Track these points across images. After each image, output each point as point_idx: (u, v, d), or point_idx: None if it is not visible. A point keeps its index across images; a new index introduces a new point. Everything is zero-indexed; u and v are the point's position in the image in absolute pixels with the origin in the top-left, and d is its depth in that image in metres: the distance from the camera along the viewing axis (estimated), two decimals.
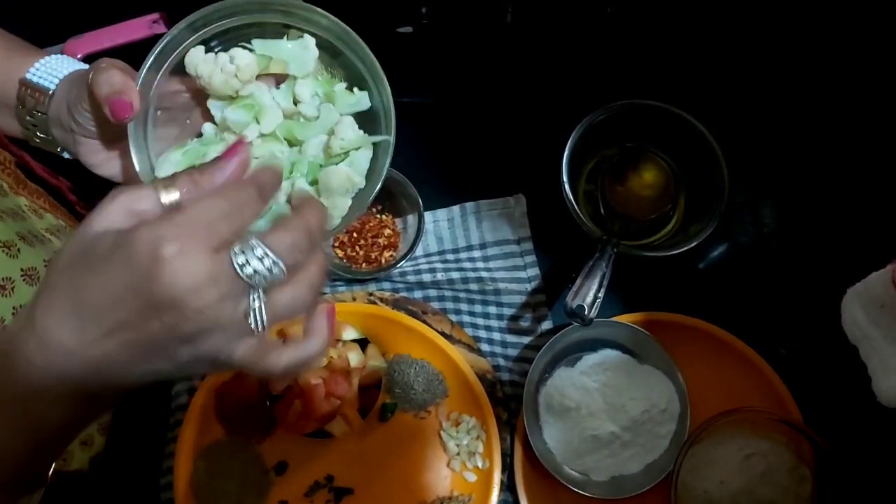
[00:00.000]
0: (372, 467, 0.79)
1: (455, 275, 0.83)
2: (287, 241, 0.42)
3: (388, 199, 0.86)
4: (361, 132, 0.62)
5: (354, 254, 0.84)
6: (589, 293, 0.73)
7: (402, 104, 0.63)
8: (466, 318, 0.84)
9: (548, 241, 0.86)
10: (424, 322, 0.81)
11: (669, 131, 0.83)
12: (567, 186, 0.79)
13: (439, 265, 0.84)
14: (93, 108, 0.62)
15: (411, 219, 0.84)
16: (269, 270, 0.41)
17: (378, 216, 0.86)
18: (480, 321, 0.84)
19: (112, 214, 0.42)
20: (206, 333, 0.41)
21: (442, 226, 0.86)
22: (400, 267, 0.82)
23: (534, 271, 0.85)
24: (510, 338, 0.84)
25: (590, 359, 0.81)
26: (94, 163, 0.66)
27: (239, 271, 0.41)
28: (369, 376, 0.79)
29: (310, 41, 0.62)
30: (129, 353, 0.42)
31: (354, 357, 0.77)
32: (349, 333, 0.79)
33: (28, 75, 0.64)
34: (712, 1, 0.85)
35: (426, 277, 0.83)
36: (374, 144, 0.63)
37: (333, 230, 0.63)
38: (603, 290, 0.73)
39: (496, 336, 0.84)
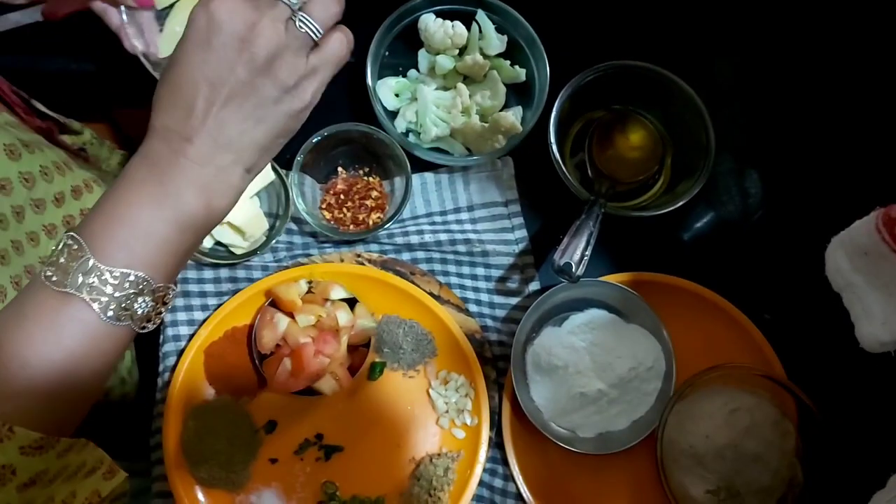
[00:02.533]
0: (361, 425, 0.80)
1: (443, 236, 0.83)
2: None
3: (375, 161, 0.86)
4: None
5: (342, 216, 0.84)
6: (576, 251, 0.73)
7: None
8: (454, 280, 0.84)
9: (535, 203, 0.86)
10: (413, 283, 0.81)
11: (656, 93, 0.83)
12: (554, 148, 0.79)
13: (427, 227, 0.84)
14: None
15: (399, 181, 0.84)
16: None
17: (365, 178, 0.86)
18: (468, 282, 0.84)
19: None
20: (276, 57, 0.51)
21: (430, 188, 0.86)
22: (387, 229, 0.83)
23: (521, 233, 0.85)
24: (498, 298, 0.84)
25: (577, 318, 0.82)
26: None
27: None
28: (358, 335, 0.79)
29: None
30: (226, 108, 0.51)
31: (343, 316, 0.78)
32: (337, 292, 0.79)
33: None
34: None
35: (414, 239, 0.83)
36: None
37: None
38: (590, 249, 0.74)
39: (484, 297, 0.84)
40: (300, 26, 0.52)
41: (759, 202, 0.87)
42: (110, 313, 0.50)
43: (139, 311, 0.52)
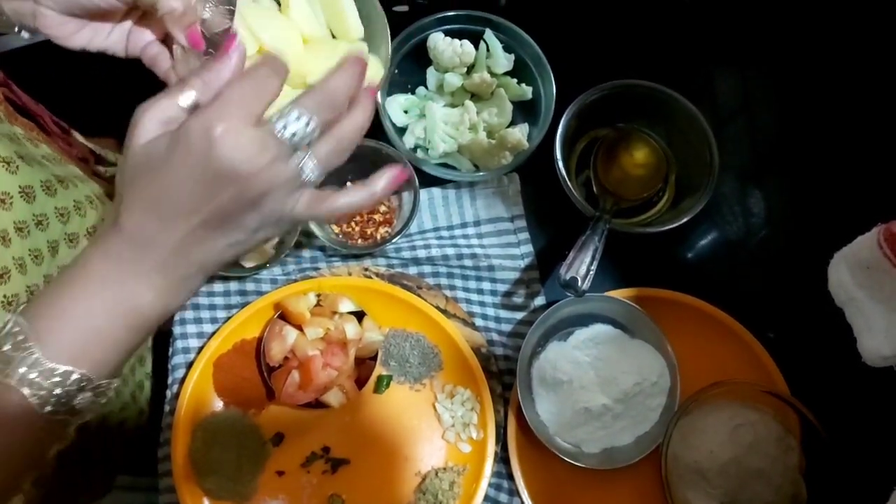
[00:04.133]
0: (368, 438, 0.80)
1: (450, 251, 0.84)
2: (316, 99, 0.49)
3: None
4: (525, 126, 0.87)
5: (350, 230, 0.85)
6: (582, 266, 0.74)
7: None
8: (461, 294, 0.85)
9: (541, 219, 0.87)
10: (420, 297, 0.82)
11: (661, 111, 0.85)
12: (560, 165, 0.81)
13: (434, 242, 0.85)
14: None
15: (406, 196, 0.85)
16: (307, 126, 0.49)
17: None
18: (475, 297, 0.85)
19: (149, 127, 0.49)
20: (267, 194, 0.49)
21: (437, 203, 0.87)
22: (395, 243, 0.84)
23: (527, 248, 0.86)
24: (504, 313, 0.85)
25: (582, 333, 0.82)
26: (61, 35, 0.64)
27: (281, 134, 0.48)
28: (365, 349, 0.80)
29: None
30: (205, 230, 0.49)
31: (351, 329, 0.78)
32: (346, 306, 0.80)
33: None
34: None
35: (421, 254, 0.84)
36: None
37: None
38: (595, 264, 0.75)
39: (490, 311, 0.85)
40: (303, 168, 0.50)
41: (763, 220, 0.88)
42: (48, 408, 0.49)
43: (77, 406, 0.50)
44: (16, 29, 0.64)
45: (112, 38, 0.67)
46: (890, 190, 0.76)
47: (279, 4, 0.72)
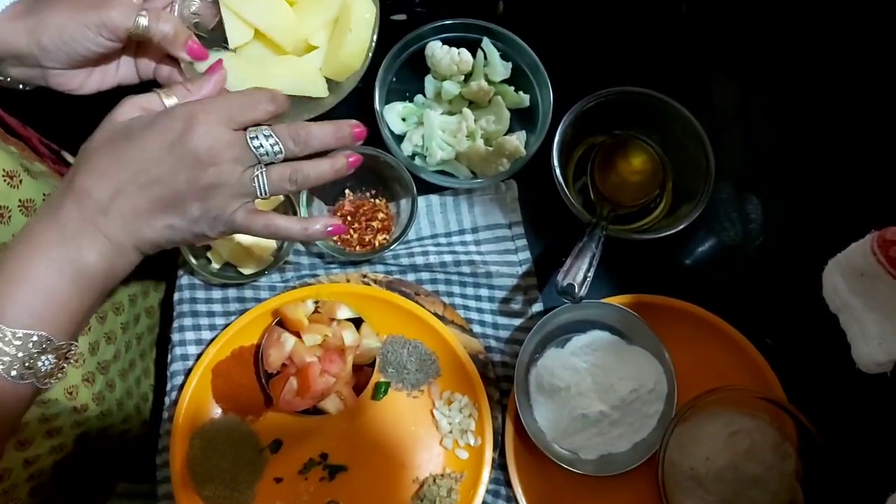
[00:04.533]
0: (366, 445, 0.81)
1: (447, 258, 0.85)
2: (292, 131, 0.57)
3: (381, 184, 0.87)
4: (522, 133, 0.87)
5: (348, 237, 0.86)
6: (579, 272, 0.74)
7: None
8: (458, 301, 0.85)
9: (539, 226, 0.87)
10: (418, 303, 0.82)
11: (657, 118, 0.85)
12: (558, 172, 0.81)
13: (432, 248, 0.86)
14: (99, 44, 0.64)
15: (404, 203, 0.85)
16: (272, 147, 0.56)
17: (372, 200, 0.88)
18: (472, 303, 0.85)
19: (129, 110, 0.56)
20: (216, 188, 0.55)
21: (434, 210, 0.87)
22: (393, 250, 0.84)
23: (525, 255, 0.86)
24: (501, 319, 0.85)
25: (579, 340, 0.82)
26: (74, 87, 0.68)
27: (249, 143, 0.55)
28: (363, 355, 0.80)
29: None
30: (153, 205, 0.55)
31: (349, 335, 0.79)
32: (343, 312, 0.80)
33: None
34: None
35: (419, 260, 0.85)
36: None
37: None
38: (592, 270, 0.75)
39: (488, 318, 0.85)
40: (253, 180, 0.56)
41: (760, 226, 0.89)
42: (13, 372, 0.52)
43: (42, 369, 0.53)
44: (20, 85, 0.68)
45: (121, 72, 0.70)
46: (884, 197, 0.77)
47: None
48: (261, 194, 0.57)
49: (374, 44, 0.73)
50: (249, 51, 0.72)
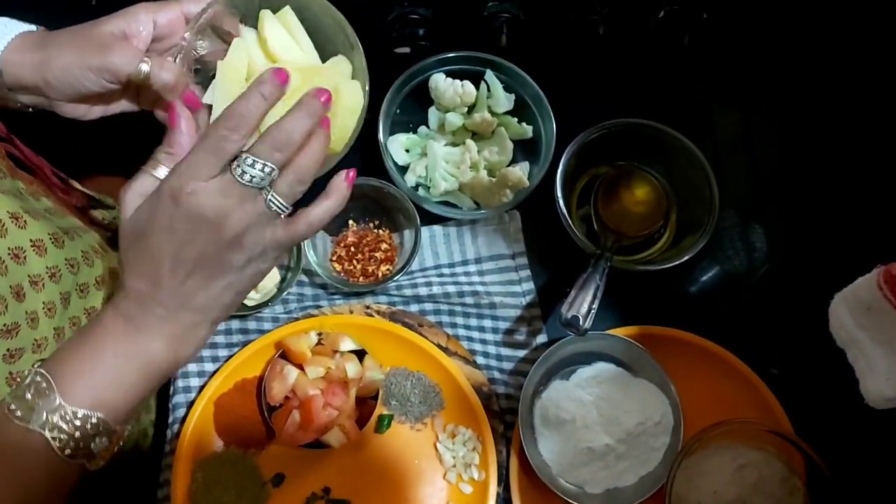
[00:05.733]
0: (368, 479, 0.80)
1: (451, 288, 0.84)
2: (269, 144, 0.54)
3: (385, 215, 0.88)
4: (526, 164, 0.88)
5: (352, 267, 0.85)
6: (583, 304, 0.74)
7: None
8: (462, 332, 0.85)
9: (542, 257, 0.87)
10: (421, 335, 0.82)
11: (660, 149, 0.85)
12: (561, 202, 0.81)
13: (435, 279, 0.85)
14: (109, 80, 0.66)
15: (408, 233, 0.85)
16: (261, 171, 0.53)
17: (375, 231, 0.88)
18: (476, 334, 0.85)
19: (131, 202, 0.56)
20: (244, 232, 0.54)
21: (438, 240, 0.87)
22: (396, 281, 0.84)
23: (528, 285, 0.86)
24: (505, 351, 0.85)
25: (584, 372, 0.82)
26: (79, 114, 0.70)
27: (240, 180, 0.53)
28: (366, 388, 0.80)
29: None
30: (195, 279, 0.54)
31: (352, 368, 0.78)
32: (347, 344, 0.80)
33: None
34: (700, 23, 0.87)
35: (422, 291, 0.84)
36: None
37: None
38: (597, 302, 0.75)
39: (491, 349, 0.85)
40: (270, 204, 0.55)
41: (765, 257, 0.88)
42: (68, 451, 0.52)
43: (94, 451, 0.54)
44: (29, 108, 0.69)
45: (123, 102, 0.73)
46: (890, 229, 0.76)
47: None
48: (284, 210, 0.56)
49: (358, 131, 0.70)
50: None
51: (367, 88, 0.70)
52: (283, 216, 0.56)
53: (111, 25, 0.67)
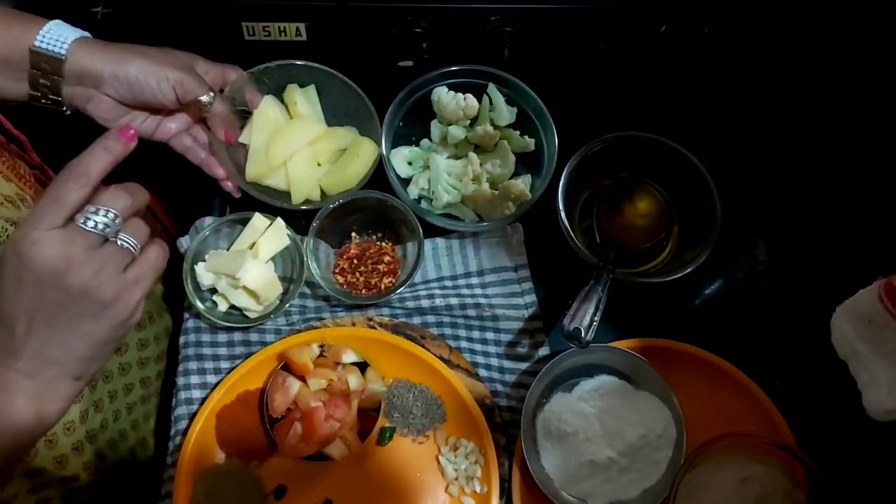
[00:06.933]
0: (370, 491, 0.80)
1: (453, 301, 0.84)
2: (109, 194, 0.56)
3: (388, 227, 0.88)
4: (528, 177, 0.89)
5: (354, 280, 0.86)
6: (586, 316, 0.74)
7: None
8: (465, 344, 0.85)
9: (545, 269, 0.87)
10: (423, 347, 0.82)
11: (662, 162, 0.86)
12: (563, 215, 0.81)
13: (438, 291, 0.85)
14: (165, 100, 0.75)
15: (411, 246, 0.86)
16: (105, 218, 0.55)
17: (378, 243, 0.88)
18: (478, 347, 0.85)
19: None
20: (92, 278, 0.54)
21: (441, 253, 0.87)
22: (399, 293, 0.84)
23: (531, 298, 0.86)
24: (508, 363, 0.85)
25: (587, 384, 0.82)
26: (109, 118, 0.76)
27: (85, 227, 0.54)
28: (368, 400, 0.80)
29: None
30: (47, 329, 0.54)
31: (354, 380, 0.78)
32: (349, 356, 0.80)
33: (38, 43, 0.69)
34: (701, 37, 0.88)
35: (425, 304, 0.84)
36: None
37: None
38: (599, 314, 0.75)
39: (494, 362, 0.85)
40: (121, 244, 0.56)
41: (767, 269, 0.88)
42: None
43: None
44: (63, 108, 0.74)
45: (145, 124, 0.79)
46: (891, 243, 0.76)
47: (286, 106, 0.89)
48: (135, 249, 0.58)
49: (371, 172, 0.84)
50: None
51: (381, 145, 0.85)
52: (134, 254, 0.57)
53: (185, 57, 0.78)
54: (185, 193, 0.90)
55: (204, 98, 0.77)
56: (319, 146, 0.87)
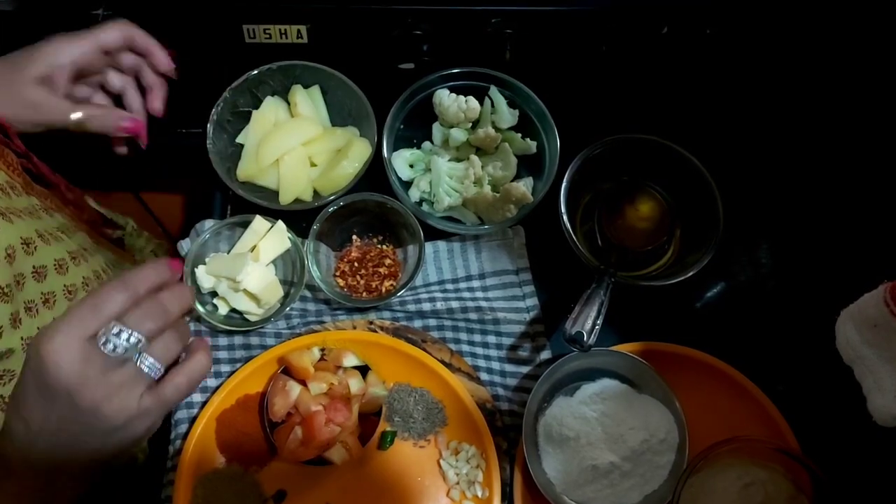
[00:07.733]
0: (371, 496, 0.79)
1: (454, 304, 0.84)
2: (138, 314, 0.54)
3: (388, 230, 0.87)
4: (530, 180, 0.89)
5: (355, 283, 0.85)
6: (587, 320, 0.74)
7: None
8: (466, 348, 0.84)
9: (546, 272, 0.87)
10: (424, 350, 0.82)
11: (664, 165, 0.85)
12: (565, 218, 0.81)
13: (439, 295, 0.85)
14: None
15: (412, 249, 0.85)
16: (128, 339, 0.53)
17: (379, 246, 0.88)
18: (480, 350, 0.85)
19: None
20: (106, 399, 0.53)
21: (442, 256, 0.87)
22: (400, 296, 0.83)
23: (532, 301, 0.86)
24: (509, 367, 0.84)
25: (588, 388, 0.81)
26: (63, 114, 0.74)
27: (103, 349, 0.53)
28: (369, 404, 0.79)
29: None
30: (56, 436, 0.54)
31: (355, 384, 0.78)
32: (350, 360, 0.80)
33: None
34: (703, 39, 0.88)
35: (426, 307, 0.84)
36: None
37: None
38: (601, 318, 0.75)
39: (495, 365, 0.84)
40: (139, 365, 0.55)
41: (771, 273, 0.88)
42: None
43: None
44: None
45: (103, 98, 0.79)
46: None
47: (288, 104, 0.90)
48: (155, 374, 0.57)
49: (360, 175, 0.84)
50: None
51: (374, 146, 0.85)
52: (154, 379, 0.56)
53: (34, 69, 0.72)
54: (185, 196, 0.90)
55: (72, 120, 0.73)
56: (316, 147, 0.87)
